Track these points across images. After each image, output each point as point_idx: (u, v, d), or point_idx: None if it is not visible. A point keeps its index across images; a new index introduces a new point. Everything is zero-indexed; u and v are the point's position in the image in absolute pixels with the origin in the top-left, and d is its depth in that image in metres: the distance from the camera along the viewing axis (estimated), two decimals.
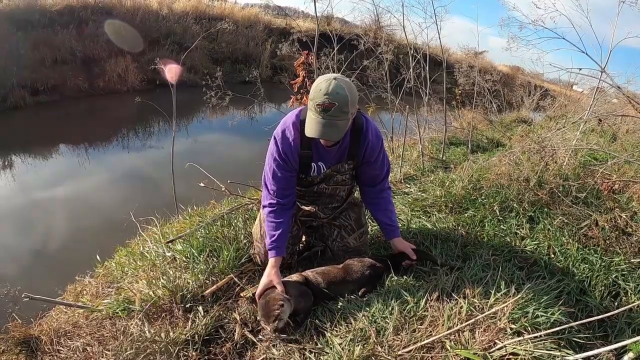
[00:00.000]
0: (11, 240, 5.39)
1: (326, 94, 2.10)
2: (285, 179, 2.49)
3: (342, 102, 2.11)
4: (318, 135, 2.17)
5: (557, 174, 3.62)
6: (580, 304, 2.44)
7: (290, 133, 2.41)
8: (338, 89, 2.11)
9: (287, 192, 2.53)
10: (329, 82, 2.12)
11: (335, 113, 2.13)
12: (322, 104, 2.11)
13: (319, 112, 2.14)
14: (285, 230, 2.50)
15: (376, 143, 2.52)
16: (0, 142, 8.84)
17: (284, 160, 2.44)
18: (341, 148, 2.49)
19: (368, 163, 2.57)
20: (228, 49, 16.51)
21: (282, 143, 2.43)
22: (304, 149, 2.45)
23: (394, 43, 6.07)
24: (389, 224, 2.72)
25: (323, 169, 2.56)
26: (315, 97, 2.15)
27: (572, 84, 12.34)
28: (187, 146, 9.19)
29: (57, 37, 12.38)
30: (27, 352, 2.40)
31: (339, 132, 2.21)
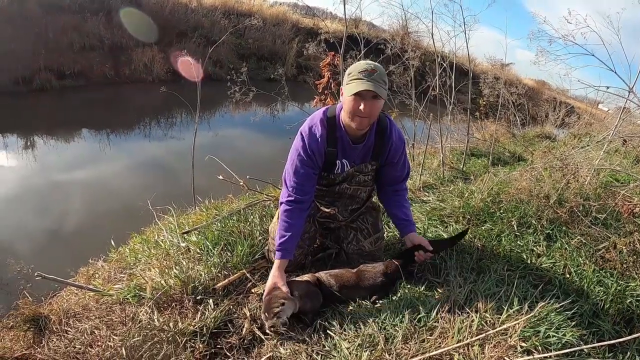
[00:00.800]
0: (29, 219, 5.48)
1: (367, 64, 2.26)
2: (307, 175, 2.48)
3: (382, 71, 2.28)
4: (367, 87, 2.22)
5: (578, 193, 3.57)
6: (593, 327, 2.40)
7: (317, 129, 2.44)
8: (376, 64, 2.28)
9: (306, 190, 2.51)
10: (364, 62, 2.30)
11: (378, 78, 2.25)
12: (365, 70, 2.23)
13: (363, 76, 2.23)
14: (296, 234, 2.49)
15: (399, 145, 2.58)
16: (24, 123, 9.01)
17: (309, 156, 2.45)
18: (366, 146, 2.52)
19: (391, 164, 2.62)
20: (254, 45, 16.62)
21: (309, 138, 2.44)
22: (330, 146, 2.47)
23: (420, 50, 6.04)
24: (404, 219, 2.71)
25: (347, 167, 2.56)
26: (355, 69, 2.28)
27: (598, 102, 12.15)
28: (209, 139, 9.26)
29: (86, 24, 12.61)
30: (35, 330, 2.42)
31: (383, 93, 2.29)
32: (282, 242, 2.45)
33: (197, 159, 4.36)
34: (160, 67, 13.12)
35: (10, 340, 2.43)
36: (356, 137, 2.48)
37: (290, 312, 2.23)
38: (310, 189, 2.54)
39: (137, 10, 13.70)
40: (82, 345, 2.20)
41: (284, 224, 2.48)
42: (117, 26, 13.18)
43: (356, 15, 7.96)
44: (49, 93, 10.83)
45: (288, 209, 2.49)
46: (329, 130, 2.43)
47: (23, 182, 6.58)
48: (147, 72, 13.01)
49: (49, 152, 7.95)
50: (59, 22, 11.99)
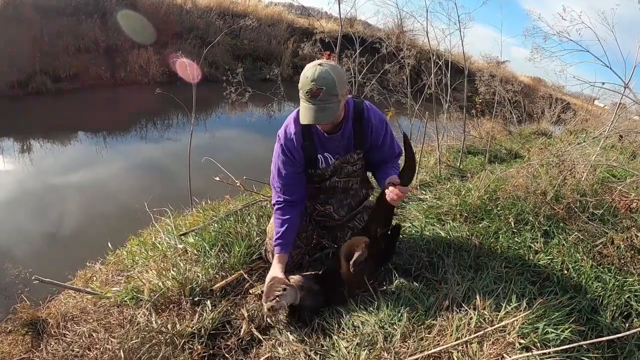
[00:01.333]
0: (26, 223, 5.46)
1: (312, 81, 2.14)
2: (290, 175, 2.52)
3: (329, 85, 2.15)
4: (310, 120, 2.19)
5: (574, 189, 3.57)
6: (591, 323, 2.39)
7: (291, 128, 2.45)
8: (323, 74, 2.14)
9: (293, 190, 2.54)
10: (314, 68, 2.16)
11: (324, 97, 2.15)
12: (310, 90, 2.15)
13: (308, 99, 2.17)
14: (291, 227, 2.51)
15: (380, 126, 2.52)
16: (20, 127, 8.99)
17: (287, 156, 2.48)
18: (345, 136, 2.49)
19: (376, 147, 2.56)
20: (250, 46, 16.60)
21: (284, 139, 2.47)
22: (306, 141, 2.47)
23: (416, 48, 6.03)
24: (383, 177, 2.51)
25: (331, 160, 2.55)
26: (303, 86, 2.18)
27: (594, 98, 12.19)
28: (205, 140, 9.24)
29: (81, 26, 12.55)
30: (34, 334, 2.43)
31: (331, 114, 2.22)
32: (279, 237, 2.48)
33: (194, 160, 4.36)
34: (155, 69, 13.08)
35: (9, 345, 2.43)
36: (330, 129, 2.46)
37: (290, 300, 2.24)
38: (297, 188, 2.56)
39: (133, 12, 13.66)
40: (81, 349, 2.20)
41: (277, 221, 2.52)
42: (112, 28, 13.13)
43: (351, 15, 7.98)
44: (45, 96, 10.79)
45: (279, 208, 2.54)
46: (303, 127, 2.41)
47: (20, 185, 6.56)
48: (142, 74, 12.97)
49: (46, 155, 7.93)
50: (54, 25, 11.94)
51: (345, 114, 2.43)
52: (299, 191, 2.58)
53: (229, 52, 15.79)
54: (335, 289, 2.42)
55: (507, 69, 18.10)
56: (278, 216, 2.53)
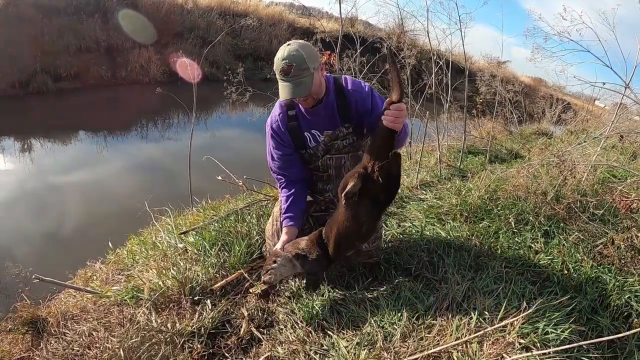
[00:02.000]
0: (26, 222, 5.47)
1: (283, 59, 2.25)
2: (283, 158, 2.59)
3: (298, 61, 2.24)
4: (287, 96, 2.29)
5: (575, 189, 3.57)
6: (591, 323, 2.40)
7: (276, 111, 2.57)
8: (292, 51, 2.25)
9: (290, 170, 2.63)
10: (284, 49, 2.28)
11: (296, 72, 2.24)
12: (282, 69, 2.25)
13: (282, 78, 2.28)
14: (296, 199, 2.58)
15: (360, 90, 2.52)
16: (21, 126, 9.00)
17: (276, 140, 2.57)
18: (328, 107, 2.51)
19: (366, 113, 2.48)
20: (251, 45, 16.60)
21: (271, 124, 2.57)
22: (290, 121, 2.54)
23: (417, 48, 6.03)
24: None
25: (319, 136, 2.56)
26: (276, 67, 2.29)
27: (595, 98, 12.17)
28: (205, 140, 9.24)
29: (82, 26, 12.58)
30: (34, 333, 2.43)
31: (306, 87, 2.29)
32: (285, 210, 2.56)
33: (194, 159, 4.35)
34: (156, 69, 13.10)
35: (9, 343, 2.43)
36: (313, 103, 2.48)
37: (287, 271, 2.30)
38: (293, 168, 2.63)
39: (134, 12, 13.66)
40: (80, 347, 2.20)
41: (283, 198, 2.61)
42: (113, 28, 13.15)
43: (352, 15, 7.98)
44: (46, 95, 10.81)
45: (281, 187, 2.66)
46: (288, 108, 2.52)
47: (20, 185, 6.57)
48: (143, 74, 12.98)
49: (46, 154, 7.93)
50: (55, 24, 11.96)
51: (326, 88, 2.48)
52: (296, 169, 2.64)
53: (229, 51, 15.80)
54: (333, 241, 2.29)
55: (507, 69, 18.13)
56: (282, 194, 2.62)
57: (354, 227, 2.21)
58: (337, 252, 2.32)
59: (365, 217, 2.22)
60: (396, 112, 2.07)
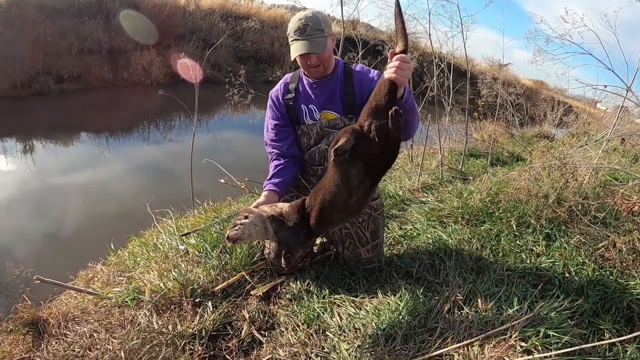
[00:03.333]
0: (28, 223, 5.47)
1: (299, 19, 2.31)
2: (277, 129, 2.59)
3: (315, 21, 2.29)
4: (302, 51, 2.28)
5: (576, 192, 3.57)
6: (593, 326, 2.39)
7: (279, 84, 2.62)
8: (309, 13, 2.33)
9: (282, 143, 2.59)
10: (299, 13, 2.36)
11: (311, 32, 2.28)
12: (298, 28, 2.30)
13: (297, 36, 2.31)
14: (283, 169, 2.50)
15: (365, 72, 2.49)
16: (22, 127, 9.00)
17: (273, 110, 2.61)
18: (331, 84, 2.47)
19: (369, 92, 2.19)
20: (253, 48, 16.60)
21: (272, 94, 2.62)
22: (288, 93, 2.56)
23: (418, 50, 6.05)
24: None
25: (315, 112, 2.53)
26: (291, 28, 2.36)
27: (596, 101, 12.17)
28: (207, 142, 9.24)
29: (84, 27, 12.60)
30: (34, 334, 2.42)
31: (320, 46, 2.31)
32: (268, 178, 2.50)
33: (196, 161, 4.35)
34: (158, 70, 13.11)
35: (10, 344, 2.42)
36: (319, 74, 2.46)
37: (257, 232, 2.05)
38: (287, 142, 2.59)
39: (135, 12, 13.68)
40: (81, 349, 2.20)
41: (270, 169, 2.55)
42: (115, 29, 13.16)
43: (354, 17, 7.95)
44: (48, 97, 10.83)
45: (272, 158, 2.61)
46: (292, 79, 2.58)
47: (22, 186, 6.57)
48: (145, 75, 13.00)
49: (48, 155, 7.93)
50: (58, 25, 11.99)
51: (335, 66, 2.48)
52: (288, 142, 2.60)
53: (231, 53, 15.81)
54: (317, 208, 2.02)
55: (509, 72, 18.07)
56: (272, 165, 2.57)
57: (343, 193, 1.93)
58: (320, 223, 2.03)
59: (357, 183, 1.92)
60: (399, 63, 1.87)
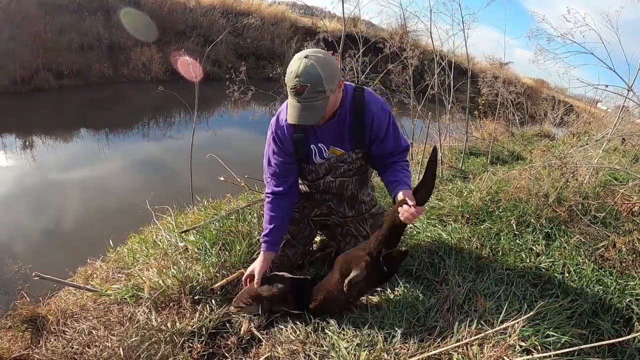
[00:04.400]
0: (27, 219, 5.46)
1: (297, 76, 1.97)
2: (280, 165, 2.39)
3: (314, 82, 1.97)
4: (295, 120, 2.07)
5: (577, 192, 3.56)
6: (592, 326, 2.39)
7: (283, 116, 2.28)
8: (308, 68, 1.96)
9: (282, 180, 2.43)
10: (299, 62, 1.98)
11: (309, 95, 1.99)
12: (294, 87, 1.99)
13: (293, 96, 2.03)
14: (278, 226, 2.43)
15: (382, 116, 2.28)
16: (22, 123, 9.01)
17: (278, 146, 2.35)
18: (340, 123, 2.29)
19: (378, 140, 2.32)
20: (253, 44, 16.62)
21: (275, 127, 2.33)
22: (297, 132, 2.30)
23: (419, 48, 6.03)
24: (392, 180, 2.29)
25: (325, 151, 2.38)
26: (288, 81, 2.02)
27: (597, 101, 12.15)
28: (207, 138, 9.24)
29: (84, 23, 12.61)
30: (33, 331, 2.42)
31: (318, 113, 2.06)
32: (265, 235, 2.42)
33: (196, 158, 4.35)
34: (158, 67, 13.11)
35: (9, 341, 2.42)
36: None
37: (253, 312, 2.39)
38: (287, 179, 2.44)
39: (136, 10, 13.66)
40: (80, 346, 2.19)
41: (267, 216, 2.44)
42: (115, 25, 13.18)
43: (355, 14, 7.94)
44: (48, 93, 10.82)
45: (268, 201, 2.45)
46: None
47: (21, 181, 6.57)
48: (145, 72, 13.00)
49: (48, 151, 7.93)
50: (58, 21, 11.98)
51: (342, 100, 2.23)
52: (289, 182, 2.45)
53: (232, 50, 15.81)
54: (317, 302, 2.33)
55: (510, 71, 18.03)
56: (267, 211, 2.44)
57: (343, 299, 2.26)
58: (318, 311, 2.34)
59: (357, 294, 2.28)
60: (415, 214, 1.99)
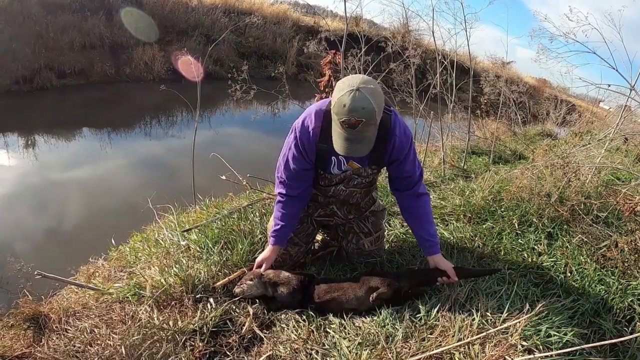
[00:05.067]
0: (29, 218, 5.47)
1: (351, 111, 1.91)
2: (298, 171, 2.36)
3: (368, 116, 1.94)
4: (345, 152, 2.05)
5: (579, 191, 3.55)
6: (594, 326, 2.38)
7: (311, 121, 2.24)
8: (363, 102, 1.91)
9: (298, 185, 2.43)
10: (352, 95, 1.91)
11: (363, 128, 1.97)
12: (348, 121, 1.94)
13: (344, 129, 1.99)
14: (288, 225, 2.50)
15: (405, 140, 2.30)
16: (24, 122, 9.02)
17: (300, 152, 2.30)
18: None
19: (397, 162, 2.35)
20: (255, 43, 16.60)
21: (300, 132, 2.27)
22: (322, 142, 2.25)
23: (421, 47, 6.03)
24: (427, 239, 2.47)
25: (344, 164, 2.39)
26: (339, 112, 1.96)
27: (600, 100, 12.13)
28: (209, 137, 9.24)
29: (86, 23, 12.62)
30: (35, 329, 2.42)
31: (369, 143, 2.06)
32: (276, 230, 2.49)
33: (198, 157, 4.35)
34: (160, 66, 13.11)
35: (11, 339, 2.42)
36: None
37: (258, 292, 2.47)
38: (303, 184, 2.45)
39: (137, 10, 13.66)
40: (82, 344, 2.19)
41: (278, 213, 2.49)
42: (117, 25, 13.18)
43: (357, 14, 7.95)
44: (50, 92, 10.83)
45: (281, 200, 2.47)
46: (324, 123, 2.19)
47: (24, 181, 6.58)
48: (147, 71, 13.01)
49: (50, 151, 7.94)
50: (60, 21, 11.99)
51: None
52: (303, 187, 2.46)
53: (234, 49, 15.80)
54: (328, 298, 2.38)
55: (512, 70, 18.04)
56: (279, 208, 2.48)
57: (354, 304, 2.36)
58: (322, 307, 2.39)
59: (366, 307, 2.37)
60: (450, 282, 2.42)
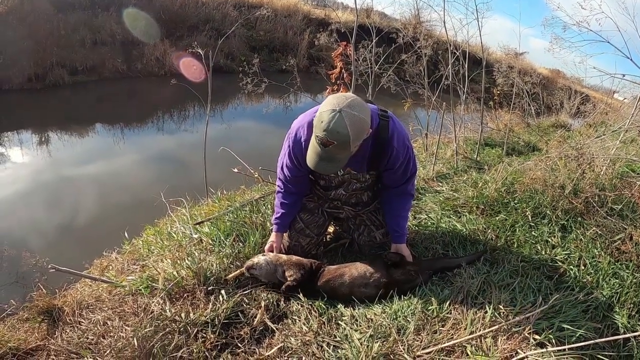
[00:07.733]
0: (43, 213, 5.53)
1: (325, 130, 1.92)
2: (294, 177, 2.54)
3: (341, 141, 1.94)
4: (313, 166, 2.10)
5: (593, 183, 3.51)
6: (607, 320, 2.34)
7: (303, 132, 2.29)
8: (339, 127, 1.91)
9: (296, 185, 2.62)
10: (332, 115, 1.91)
11: (334, 150, 1.99)
12: (321, 139, 1.96)
13: (317, 144, 2.01)
14: (288, 213, 2.68)
15: (401, 151, 2.34)
16: (38, 119, 9.10)
17: (293, 162, 2.43)
18: (360, 152, 2.27)
19: (391, 170, 2.43)
20: (266, 37, 16.55)
21: (293, 142, 2.35)
22: None
23: (433, 38, 5.98)
24: (395, 230, 2.61)
25: (340, 171, 2.45)
26: (316, 126, 1.99)
27: (614, 91, 11.98)
28: (221, 131, 9.25)
29: (97, 19, 12.68)
30: (49, 322, 2.45)
31: (337, 165, 2.12)
32: (277, 218, 2.69)
33: (209, 151, 4.36)
34: (171, 61, 13.13)
35: (25, 332, 2.46)
36: None
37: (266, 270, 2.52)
38: (300, 185, 2.64)
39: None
40: (95, 336, 2.22)
41: (278, 201, 2.67)
42: None
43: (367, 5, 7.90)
44: (62, 89, 10.88)
45: (280, 191, 2.66)
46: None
47: (38, 177, 6.64)
48: (159, 66, 13.02)
49: (63, 147, 8.00)
50: (71, 18, 12.05)
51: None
52: (302, 186, 2.67)
53: (244, 43, 15.77)
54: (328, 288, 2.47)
55: (525, 61, 17.84)
56: (279, 197, 2.67)
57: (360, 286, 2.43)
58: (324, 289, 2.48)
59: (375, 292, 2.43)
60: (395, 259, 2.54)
